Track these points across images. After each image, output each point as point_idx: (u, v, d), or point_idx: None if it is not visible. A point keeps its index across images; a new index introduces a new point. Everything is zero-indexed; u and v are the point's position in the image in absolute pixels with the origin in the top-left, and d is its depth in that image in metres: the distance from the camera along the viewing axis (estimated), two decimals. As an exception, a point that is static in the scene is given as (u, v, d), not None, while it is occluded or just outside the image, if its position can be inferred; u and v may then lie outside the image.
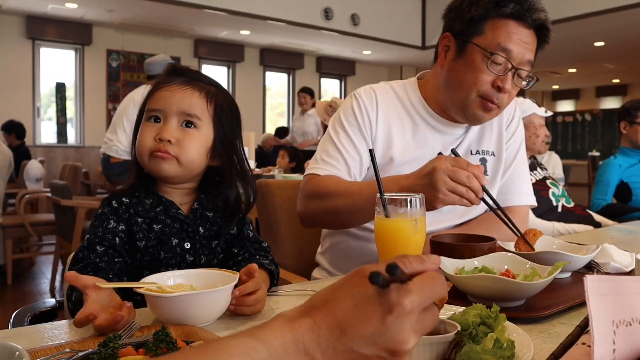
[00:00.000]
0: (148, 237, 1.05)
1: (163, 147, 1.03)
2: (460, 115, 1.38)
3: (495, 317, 0.63)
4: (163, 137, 1.03)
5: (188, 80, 1.09)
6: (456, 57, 1.34)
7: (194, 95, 1.07)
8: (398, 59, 10.65)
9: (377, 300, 0.47)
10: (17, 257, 4.65)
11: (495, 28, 1.28)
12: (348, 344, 0.46)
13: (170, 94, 1.06)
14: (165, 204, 1.08)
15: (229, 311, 0.87)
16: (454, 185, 1.03)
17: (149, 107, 1.07)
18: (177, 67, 1.13)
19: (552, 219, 2.36)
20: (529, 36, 1.29)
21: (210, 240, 1.11)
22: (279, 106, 11.06)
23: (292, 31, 8.41)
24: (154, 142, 1.04)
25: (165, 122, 1.05)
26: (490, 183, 1.47)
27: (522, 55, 1.28)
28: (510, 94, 1.33)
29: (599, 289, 0.48)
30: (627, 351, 0.48)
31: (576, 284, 1.04)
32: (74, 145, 8.42)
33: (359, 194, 1.22)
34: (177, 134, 1.04)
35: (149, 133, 1.05)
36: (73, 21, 8.00)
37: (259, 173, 4.35)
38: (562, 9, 7.12)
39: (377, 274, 0.46)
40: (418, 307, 0.48)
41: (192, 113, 1.06)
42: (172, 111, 1.05)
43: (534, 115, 2.59)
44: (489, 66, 1.27)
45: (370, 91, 1.44)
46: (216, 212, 1.12)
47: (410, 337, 0.47)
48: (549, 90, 15.53)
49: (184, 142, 1.04)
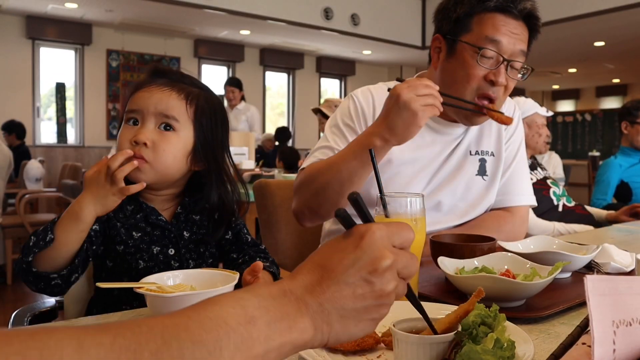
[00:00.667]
0: (126, 243, 1.02)
1: (138, 152, 0.99)
2: (456, 116, 1.37)
3: (495, 317, 0.63)
4: (138, 140, 0.99)
5: (169, 82, 1.05)
6: (447, 57, 1.34)
7: (172, 96, 1.03)
8: (398, 59, 10.65)
9: (348, 234, 0.51)
10: (17, 257, 4.65)
11: (481, 23, 1.28)
12: (332, 279, 0.49)
13: (148, 95, 1.02)
14: (146, 210, 1.04)
15: None
16: (423, 98, 1.11)
17: (128, 108, 1.04)
18: (160, 68, 1.09)
19: (553, 219, 2.36)
20: (518, 27, 1.28)
21: (197, 245, 1.08)
22: (279, 106, 11.06)
23: (292, 31, 8.41)
24: (130, 146, 1.00)
25: (142, 124, 1.01)
26: (489, 183, 1.46)
27: (512, 46, 1.27)
28: (507, 87, 1.31)
29: (599, 289, 0.48)
30: (627, 351, 0.48)
31: (576, 284, 1.04)
32: (74, 145, 8.42)
33: (341, 159, 1.21)
34: (154, 136, 1.00)
35: (125, 137, 1.01)
36: (73, 21, 8.00)
37: (259, 173, 4.34)
38: (562, 9, 7.12)
39: (342, 209, 0.52)
40: (387, 234, 0.51)
41: (169, 114, 1.01)
42: (149, 112, 1.01)
43: (536, 115, 2.61)
44: (479, 61, 1.26)
45: (368, 92, 1.44)
46: (203, 215, 1.09)
47: (385, 253, 0.50)
48: (549, 90, 15.53)
49: (159, 146, 1.00)
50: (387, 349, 0.71)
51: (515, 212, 1.48)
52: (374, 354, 0.69)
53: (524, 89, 14.54)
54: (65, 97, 8.39)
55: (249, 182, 4.20)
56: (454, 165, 1.43)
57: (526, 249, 1.16)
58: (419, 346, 0.60)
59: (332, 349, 0.68)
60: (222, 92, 6.16)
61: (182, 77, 1.09)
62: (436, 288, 1.00)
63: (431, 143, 1.42)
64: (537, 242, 1.22)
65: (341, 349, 0.68)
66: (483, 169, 1.46)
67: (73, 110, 8.54)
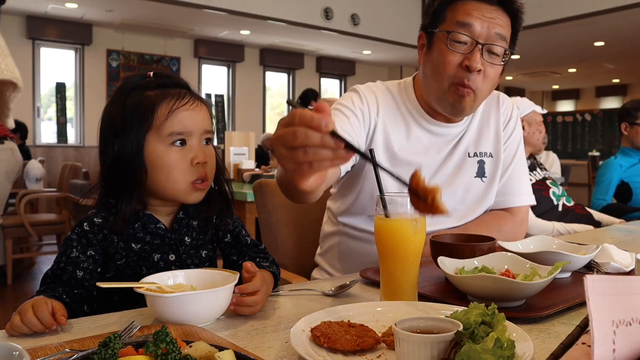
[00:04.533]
0: (127, 255, 1.01)
1: (202, 173, 1.01)
2: (441, 108, 1.35)
3: (493, 315, 0.63)
4: (201, 160, 1.01)
5: (189, 93, 1.05)
6: (427, 50, 1.34)
7: (205, 110, 1.05)
8: (398, 59, 10.65)
9: None
10: (17, 257, 4.65)
11: (454, 10, 1.28)
12: None
13: (194, 114, 1.02)
14: (143, 219, 1.02)
15: (229, 311, 0.87)
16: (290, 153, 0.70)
17: (174, 130, 1.00)
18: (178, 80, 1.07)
19: (552, 218, 2.36)
20: (493, 11, 1.27)
21: (198, 250, 1.08)
22: (279, 106, 11.06)
23: (292, 31, 8.41)
24: (189, 166, 1.00)
25: (194, 144, 1.02)
26: (489, 185, 1.46)
27: (487, 30, 1.25)
28: (486, 74, 1.27)
29: (599, 289, 0.48)
30: (627, 351, 0.48)
31: (576, 284, 1.04)
32: (74, 145, 8.42)
33: None
34: (205, 153, 1.03)
35: (182, 157, 1.00)
36: (73, 21, 8.00)
37: (259, 173, 4.34)
38: (562, 9, 7.12)
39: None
40: None
41: (210, 129, 1.05)
42: (198, 131, 1.02)
43: (534, 112, 2.64)
44: (451, 46, 1.26)
45: (372, 89, 1.43)
46: (200, 219, 1.09)
47: None
48: (549, 90, 15.53)
49: (209, 161, 1.04)
50: (387, 348, 0.71)
51: (515, 213, 1.48)
52: (374, 353, 0.70)
53: (524, 89, 14.55)
54: (65, 97, 8.39)
55: (249, 182, 4.21)
56: (453, 167, 1.43)
57: (526, 249, 1.16)
58: (420, 345, 0.60)
59: (332, 349, 0.69)
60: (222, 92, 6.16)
61: (186, 83, 1.09)
62: (436, 288, 1.00)
63: (428, 145, 1.41)
64: (537, 242, 1.22)
65: (341, 349, 0.68)
66: (482, 171, 1.45)
67: (73, 110, 8.54)
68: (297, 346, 0.66)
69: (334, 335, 0.69)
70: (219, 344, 0.63)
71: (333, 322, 0.74)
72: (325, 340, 0.69)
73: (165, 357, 0.56)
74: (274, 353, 0.72)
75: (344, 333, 0.70)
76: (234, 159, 4.67)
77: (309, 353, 0.65)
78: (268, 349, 0.73)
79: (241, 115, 10.00)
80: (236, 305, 0.86)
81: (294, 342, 0.68)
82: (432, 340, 0.60)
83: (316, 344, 0.70)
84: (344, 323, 0.74)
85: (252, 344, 0.75)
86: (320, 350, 0.69)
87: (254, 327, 0.83)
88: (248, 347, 0.73)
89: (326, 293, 1.01)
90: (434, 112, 1.40)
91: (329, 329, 0.71)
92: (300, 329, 0.73)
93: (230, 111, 9.94)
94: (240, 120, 9.97)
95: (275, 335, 0.79)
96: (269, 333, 0.80)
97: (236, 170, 4.58)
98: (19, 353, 0.56)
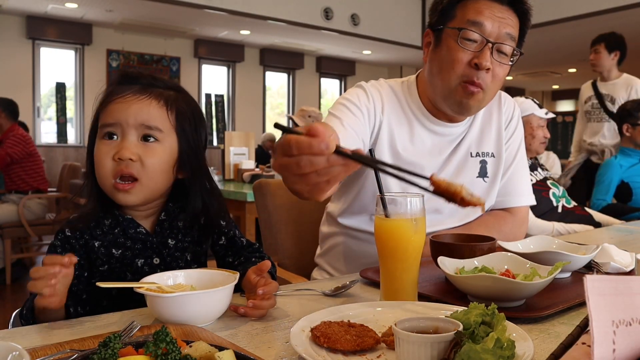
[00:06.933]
0: (109, 263, 0.99)
1: (125, 169, 0.92)
2: (447, 106, 1.34)
3: (493, 315, 0.63)
4: (123, 156, 0.92)
5: (143, 88, 0.97)
6: (434, 47, 1.34)
7: (151, 104, 0.96)
8: (398, 59, 10.65)
9: None
10: (17, 257, 4.65)
11: (464, 8, 1.27)
12: None
13: (125, 105, 0.94)
14: (123, 223, 0.99)
15: (239, 313, 0.86)
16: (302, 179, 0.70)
17: (103, 122, 0.95)
18: (129, 74, 1.01)
19: (552, 219, 2.36)
20: (503, 11, 1.27)
21: (183, 252, 1.04)
22: (279, 106, 11.06)
23: (292, 31, 8.41)
24: (113, 163, 0.93)
25: (123, 138, 0.94)
26: (490, 185, 1.46)
27: (497, 29, 1.25)
28: (494, 73, 1.27)
29: (599, 289, 0.48)
30: (627, 351, 0.48)
31: (576, 284, 1.04)
32: (74, 145, 8.42)
33: None
34: (138, 150, 0.94)
35: (106, 153, 0.94)
36: (73, 21, 8.00)
37: (259, 173, 4.33)
38: (562, 9, 7.12)
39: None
40: None
41: (152, 125, 0.95)
42: (129, 124, 0.94)
43: (532, 116, 2.60)
44: (462, 44, 1.25)
45: (376, 87, 1.42)
46: (187, 221, 1.04)
47: None
48: (549, 90, 15.51)
49: (146, 159, 0.94)
50: (387, 348, 0.71)
51: (516, 213, 1.48)
52: (374, 353, 0.70)
53: (524, 89, 14.54)
54: (65, 97, 8.39)
55: (249, 182, 4.21)
56: (455, 167, 1.42)
57: (526, 249, 1.16)
58: (420, 345, 0.60)
59: (332, 349, 0.69)
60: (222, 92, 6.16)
61: (155, 80, 1.01)
62: (436, 288, 1.00)
63: (431, 147, 1.41)
64: (537, 242, 1.22)
65: (341, 349, 0.68)
66: (484, 171, 1.45)
67: (73, 110, 8.54)
68: (297, 346, 0.66)
69: (334, 335, 0.69)
70: (219, 344, 0.63)
71: (333, 322, 0.74)
72: (325, 340, 0.69)
73: (165, 357, 0.56)
74: (274, 353, 0.72)
75: (344, 333, 0.70)
76: (233, 159, 4.67)
77: (309, 353, 0.65)
78: (268, 349, 0.73)
79: (241, 115, 10.00)
80: (252, 309, 0.84)
81: (294, 342, 0.68)
82: (432, 340, 0.60)
83: (316, 344, 0.70)
84: (344, 323, 0.74)
85: (252, 344, 0.75)
86: (320, 350, 0.69)
87: (254, 327, 0.83)
88: (248, 347, 0.73)
89: (326, 293, 1.01)
90: (436, 112, 1.40)
91: (329, 329, 0.71)
92: (300, 329, 0.73)
93: (230, 111, 9.94)
94: (240, 120, 9.97)
95: (275, 335, 0.79)
96: (269, 333, 0.80)
97: (236, 170, 4.58)
98: (18, 353, 0.56)
